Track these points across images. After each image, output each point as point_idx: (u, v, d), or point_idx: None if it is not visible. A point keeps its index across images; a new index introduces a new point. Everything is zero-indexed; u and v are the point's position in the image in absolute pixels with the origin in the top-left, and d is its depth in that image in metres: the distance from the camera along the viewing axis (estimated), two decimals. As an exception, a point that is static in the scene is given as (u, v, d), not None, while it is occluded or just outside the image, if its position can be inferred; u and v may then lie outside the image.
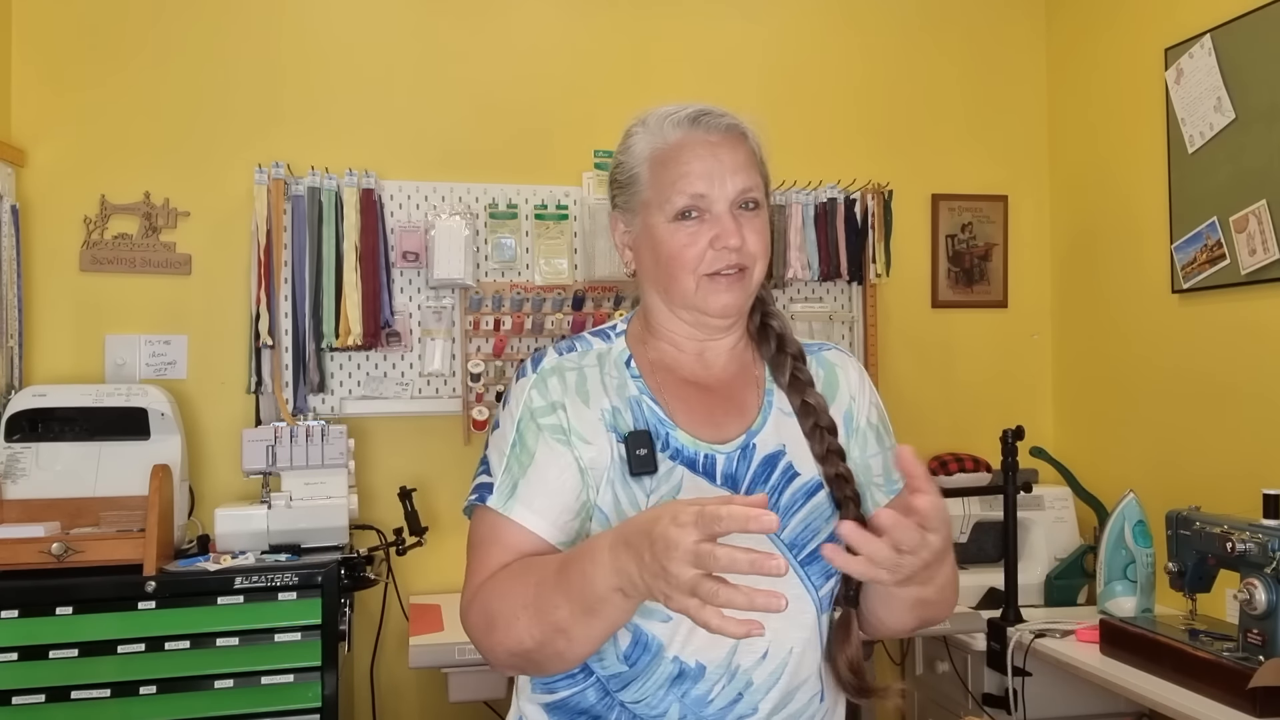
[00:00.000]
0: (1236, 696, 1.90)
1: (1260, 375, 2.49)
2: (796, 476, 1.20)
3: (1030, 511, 2.86)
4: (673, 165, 1.18)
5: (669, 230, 1.18)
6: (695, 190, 1.16)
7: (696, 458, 1.17)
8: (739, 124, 1.21)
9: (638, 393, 1.20)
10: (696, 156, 1.17)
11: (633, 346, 1.25)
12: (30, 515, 2.39)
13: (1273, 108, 2.44)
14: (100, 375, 2.72)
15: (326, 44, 2.91)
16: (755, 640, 1.10)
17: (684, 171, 1.17)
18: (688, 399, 1.21)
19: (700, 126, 1.19)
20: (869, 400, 1.28)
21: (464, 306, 2.86)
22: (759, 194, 1.20)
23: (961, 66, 3.28)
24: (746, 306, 1.23)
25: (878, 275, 3.04)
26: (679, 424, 1.18)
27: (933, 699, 2.89)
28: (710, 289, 1.17)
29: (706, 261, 1.17)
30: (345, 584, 2.37)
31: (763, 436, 1.20)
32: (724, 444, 1.19)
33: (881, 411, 1.29)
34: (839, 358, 1.30)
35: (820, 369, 1.28)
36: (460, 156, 2.95)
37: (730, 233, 1.15)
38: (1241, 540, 2.00)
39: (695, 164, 1.17)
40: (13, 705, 2.19)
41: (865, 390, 1.29)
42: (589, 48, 3.04)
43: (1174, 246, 2.74)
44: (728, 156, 1.17)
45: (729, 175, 1.16)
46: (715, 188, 1.16)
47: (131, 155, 2.78)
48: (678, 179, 1.17)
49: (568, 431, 1.17)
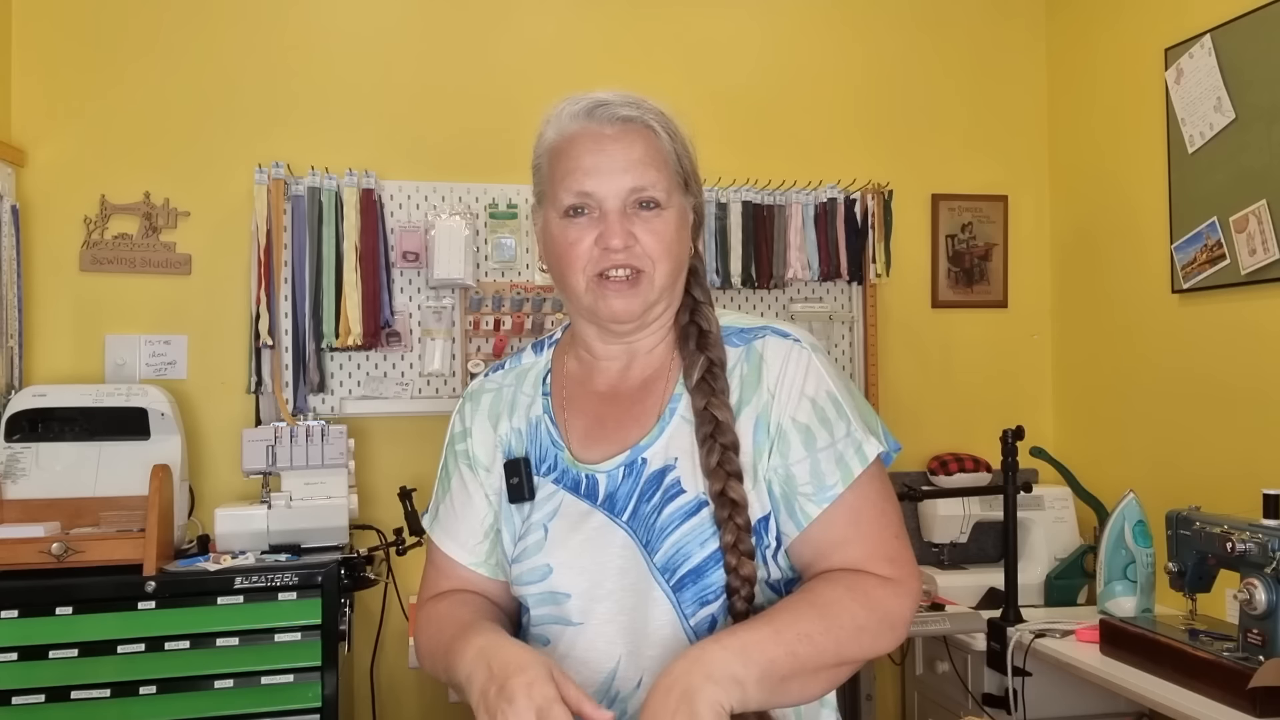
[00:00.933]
0: (1236, 696, 1.90)
1: (1260, 375, 2.49)
2: (680, 494, 1.10)
3: (1030, 511, 2.86)
4: (565, 159, 1.13)
5: (560, 227, 1.13)
6: (581, 188, 1.11)
7: (580, 479, 1.15)
8: (637, 115, 1.13)
9: (541, 412, 1.21)
10: (586, 151, 1.11)
11: (557, 358, 1.25)
12: (30, 515, 2.39)
13: (1273, 108, 2.44)
14: (100, 375, 2.72)
15: (327, 44, 2.91)
16: (630, 668, 1.10)
17: (572, 167, 1.12)
18: (589, 414, 1.19)
19: (594, 119, 1.13)
20: (799, 394, 1.11)
21: (464, 306, 2.86)
22: (657, 192, 1.11)
23: (961, 66, 3.28)
24: (650, 312, 1.15)
25: (878, 275, 3.04)
26: (570, 443, 1.17)
27: (933, 699, 2.89)
28: (599, 293, 1.11)
29: (593, 261, 1.11)
30: (345, 584, 2.37)
31: (654, 450, 1.13)
32: (607, 462, 1.14)
33: (821, 405, 1.11)
34: (771, 346, 1.14)
35: (746, 363, 1.14)
36: (460, 156, 2.94)
37: (613, 233, 1.09)
38: (1241, 540, 1.99)
39: (585, 159, 1.11)
40: (13, 705, 2.19)
41: (794, 383, 1.12)
42: (589, 48, 3.04)
43: (1174, 246, 2.74)
44: (620, 152, 1.11)
45: (619, 172, 1.10)
46: (603, 185, 1.10)
47: (131, 155, 2.78)
48: (566, 175, 1.12)
49: (473, 459, 1.22)
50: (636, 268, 1.11)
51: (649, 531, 1.10)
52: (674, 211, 1.14)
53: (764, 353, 1.14)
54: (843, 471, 1.09)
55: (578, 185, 1.11)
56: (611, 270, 1.11)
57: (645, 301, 1.13)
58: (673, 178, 1.15)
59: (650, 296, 1.13)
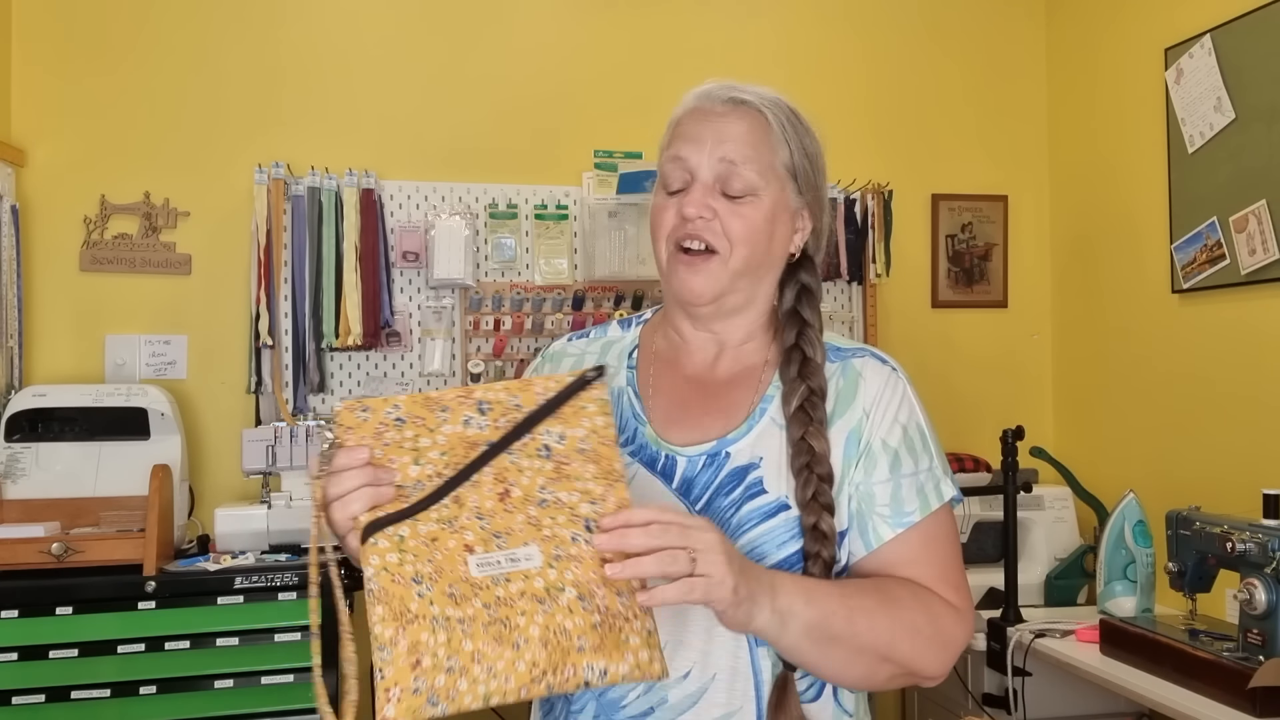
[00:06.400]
0: (1236, 696, 1.90)
1: (1260, 375, 2.49)
2: (761, 494, 1.10)
3: (1030, 511, 2.86)
4: (673, 131, 1.17)
5: (657, 199, 1.16)
6: (677, 153, 1.13)
7: (658, 457, 1.14)
8: (751, 100, 1.14)
9: (625, 384, 1.20)
10: (692, 122, 1.14)
11: (645, 336, 1.25)
12: (30, 515, 2.39)
13: (1273, 108, 2.44)
14: (100, 375, 2.72)
15: (326, 44, 2.91)
16: (678, 657, 1.08)
17: (675, 136, 1.15)
18: (673, 395, 1.18)
19: (709, 98, 1.15)
20: (892, 418, 1.13)
21: (464, 306, 2.86)
22: (748, 170, 1.11)
23: (962, 66, 3.28)
24: (727, 299, 1.14)
25: (878, 275, 3.04)
26: (651, 420, 1.17)
27: (932, 699, 2.88)
28: (674, 265, 1.13)
29: (673, 231, 1.13)
30: (345, 584, 2.37)
31: (740, 446, 1.13)
32: (690, 447, 1.14)
33: (910, 435, 1.14)
34: (871, 367, 1.16)
35: (842, 378, 1.15)
36: (460, 156, 2.95)
37: (690, 200, 1.10)
38: (1241, 540, 1.99)
39: (689, 128, 1.14)
40: (13, 705, 2.19)
41: (890, 407, 1.14)
42: (589, 47, 3.04)
43: (1174, 246, 2.74)
44: (721, 126, 1.13)
45: (714, 143, 1.12)
46: (696, 153, 1.12)
47: (131, 155, 2.78)
48: (669, 144, 1.16)
49: None
50: (711, 246, 1.11)
51: (723, 525, 1.09)
52: (768, 201, 1.13)
53: (863, 371, 1.16)
54: (921, 502, 1.12)
55: (675, 151, 1.14)
56: (687, 241, 1.11)
57: (718, 282, 1.12)
58: (775, 167, 1.14)
59: (723, 279, 1.12)
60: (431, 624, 0.88)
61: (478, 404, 0.95)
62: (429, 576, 0.90)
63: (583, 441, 0.95)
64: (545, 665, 0.88)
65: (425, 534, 0.92)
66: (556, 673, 0.88)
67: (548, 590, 0.91)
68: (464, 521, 0.92)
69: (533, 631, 0.89)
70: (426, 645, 0.88)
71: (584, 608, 0.90)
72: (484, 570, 0.91)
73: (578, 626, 0.90)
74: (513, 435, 0.95)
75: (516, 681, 0.87)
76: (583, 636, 0.90)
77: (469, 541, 0.92)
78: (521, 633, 0.89)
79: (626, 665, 0.89)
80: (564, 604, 0.90)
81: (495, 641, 0.88)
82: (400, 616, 0.89)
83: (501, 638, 0.89)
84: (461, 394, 0.95)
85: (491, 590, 0.90)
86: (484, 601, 0.90)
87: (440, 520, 0.92)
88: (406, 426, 0.94)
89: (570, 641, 0.89)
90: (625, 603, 0.91)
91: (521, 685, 0.88)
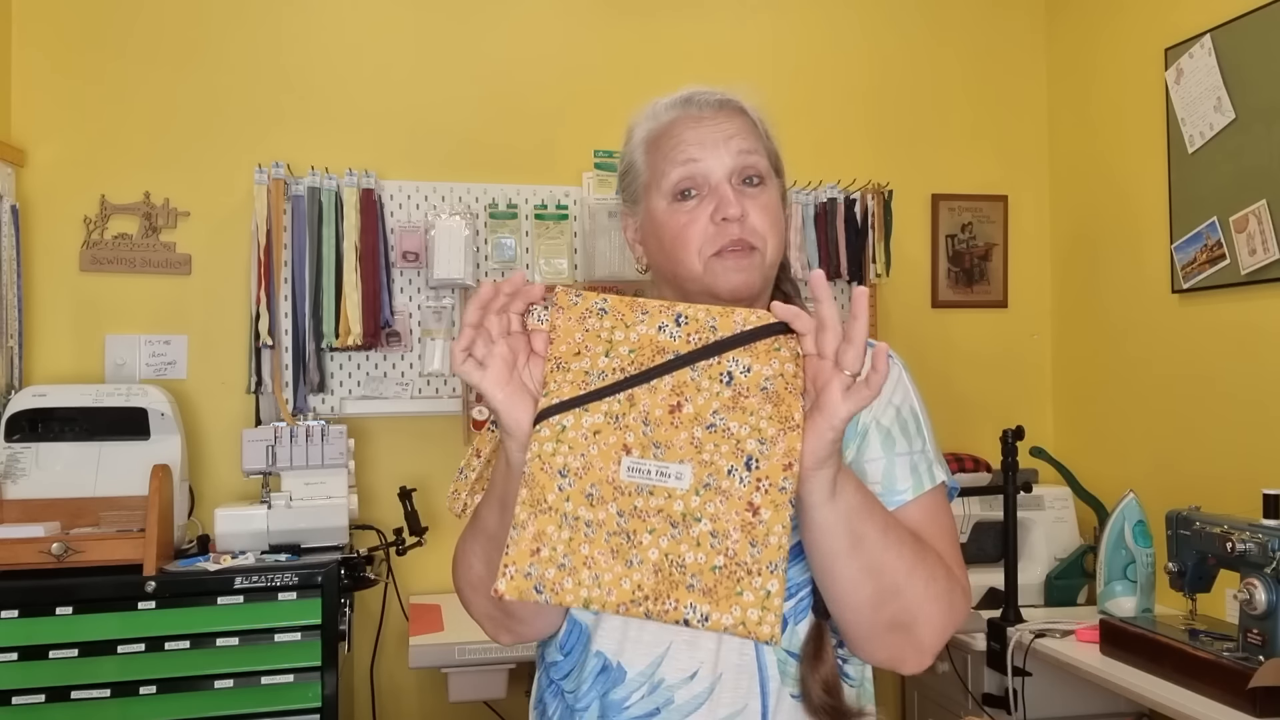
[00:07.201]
0: (1236, 696, 1.90)
1: (1260, 375, 2.49)
2: None
3: (1030, 511, 2.86)
4: (665, 141, 1.14)
5: (669, 212, 1.13)
6: (689, 156, 1.12)
7: None
8: (733, 99, 1.16)
9: None
10: (688, 128, 1.13)
11: None
12: (30, 515, 2.39)
13: (1273, 108, 2.44)
14: (100, 375, 2.72)
15: (327, 44, 2.91)
16: (682, 656, 1.07)
17: (676, 142, 1.13)
18: None
19: (691, 105, 1.15)
20: (885, 400, 1.15)
21: (464, 306, 2.86)
22: (760, 161, 1.13)
23: (962, 66, 3.28)
24: (764, 290, 1.15)
25: (878, 275, 3.04)
26: None
27: (932, 699, 2.89)
28: (719, 269, 1.10)
29: (709, 239, 1.10)
30: (345, 584, 2.37)
31: None
32: None
33: (904, 416, 1.16)
34: None
35: None
36: (460, 156, 2.95)
37: (729, 202, 1.09)
38: (1241, 540, 2.00)
39: (688, 133, 1.13)
40: (13, 705, 2.19)
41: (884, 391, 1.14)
42: (589, 48, 3.04)
43: (1174, 246, 2.74)
44: (719, 126, 1.13)
45: (722, 142, 1.12)
46: (709, 154, 1.11)
47: (131, 155, 2.78)
48: (670, 151, 1.13)
49: None
50: (749, 243, 1.11)
51: None
52: (774, 189, 1.16)
53: None
54: (915, 481, 1.11)
55: (683, 154, 1.12)
56: (732, 247, 1.10)
57: (762, 276, 1.13)
58: (768, 157, 1.16)
59: (764, 272, 1.13)
60: (560, 519, 0.90)
61: (676, 315, 0.94)
62: (575, 471, 0.91)
63: (768, 380, 0.92)
64: (650, 591, 0.88)
65: (589, 426, 0.92)
66: (658, 601, 0.88)
67: (684, 516, 0.89)
68: (629, 421, 0.92)
69: (651, 554, 0.89)
70: (549, 537, 0.89)
71: (713, 545, 0.89)
72: (633, 475, 0.90)
73: (697, 563, 0.88)
74: (701, 353, 0.93)
75: (618, 597, 0.88)
76: (698, 575, 0.88)
77: (629, 442, 0.91)
78: (640, 551, 0.89)
79: (731, 618, 0.87)
80: (694, 535, 0.89)
81: (611, 553, 0.89)
82: (537, 504, 0.90)
83: (619, 551, 0.89)
84: (664, 304, 0.95)
85: (631, 499, 0.90)
86: (619, 509, 0.90)
87: (608, 414, 0.92)
88: (608, 318, 0.95)
89: (683, 576, 0.88)
90: (756, 555, 0.88)
91: (620, 603, 0.88)
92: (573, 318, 0.95)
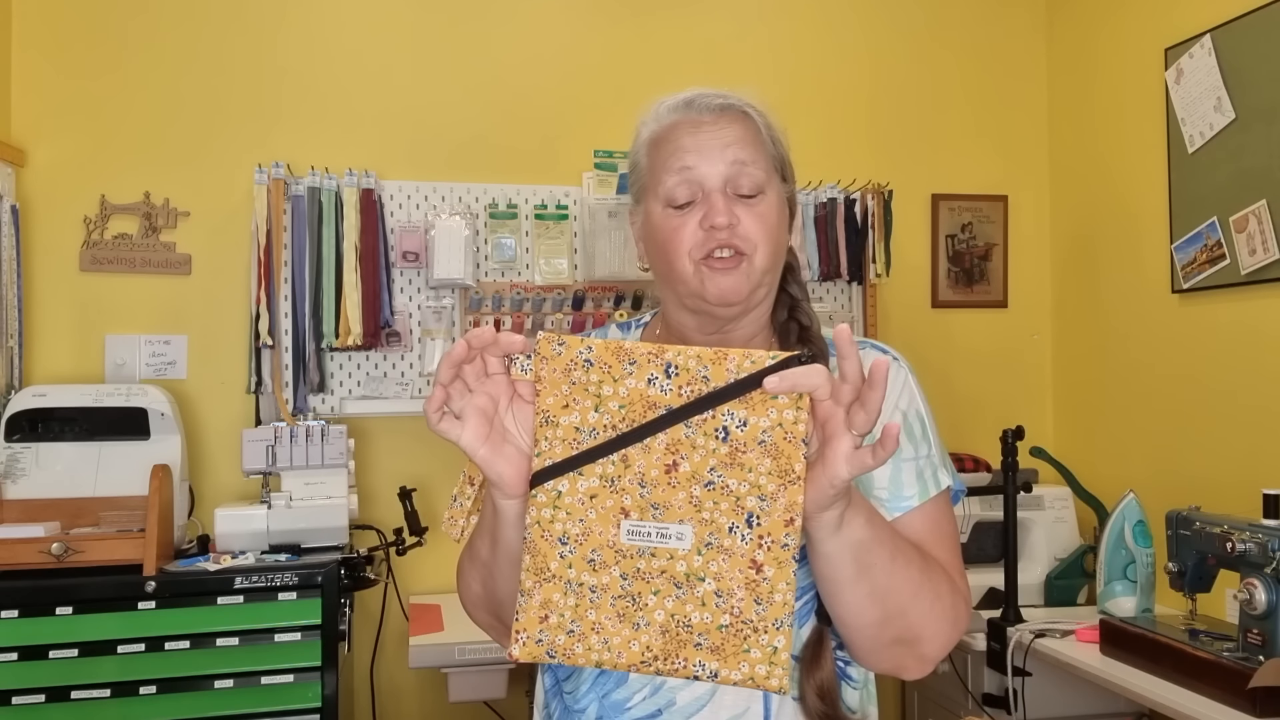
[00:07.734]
0: (1236, 696, 1.90)
1: (1260, 375, 2.49)
2: None
3: (1030, 511, 2.86)
4: (665, 145, 1.14)
5: (663, 217, 1.13)
6: (683, 163, 1.12)
7: None
8: (734, 103, 1.16)
9: None
10: (686, 133, 1.13)
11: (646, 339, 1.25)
12: (30, 515, 2.39)
13: (1273, 108, 2.44)
14: (100, 375, 2.72)
15: (327, 44, 2.91)
16: None
17: (672, 149, 1.13)
18: None
19: (692, 108, 1.15)
20: (892, 405, 1.15)
21: (464, 306, 2.86)
22: (756, 169, 1.13)
23: (962, 66, 3.28)
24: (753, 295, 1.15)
25: (878, 275, 3.04)
26: None
27: (932, 699, 2.89)
28: (706, 273, 1.11)
29: (698, 244, 1.11)
30: (345, 584, 2.37)
31: None
32: None
33: (910, 421, 1.16)
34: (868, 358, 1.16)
35: None
36: (460, 156, 2.95)
37: (717, 210, 1.10)
38: (1241, 540, 2.00)
39: (685, 140, 1.13)
40: (13, 705, 2.19)
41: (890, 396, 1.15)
42: (589, 48, 3.04)
43: (1174, 246, 2.74)
44: (719, 132, 1.13)
45: (719, 149, 1.12)
46: (705, 162, 1.11)
47: (131, 155, 2.78)
48: (667, 157, 1.13)
49: None
50: (739, 250, 1.11)
51: None
52: (774, 197, 1.15)
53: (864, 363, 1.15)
54: (920, 487, 1.11)
55: (679, 162, 1.12)
56: (717, 250, 1.11)
57: (750, 283, 1.12)
58: (770, 163, 1.15)
59: (754, 279, 1.12)
60: (564, 586, 0.90)
61: (665, 365, 0.91)
62: (575, 538, 0.90)
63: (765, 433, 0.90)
64: (659, 651, 0.89)
65: (585, 490, 0.91)
66: (668, 661, 0.89)
67: (688, 576, 0.89)
68: (625, 484, 0.91)
69: (657, 616, 0.89)
70: (555, 605, 0.90)
71: (718, 605, 0.89)
72: (633, 539, 0.90)
73: (703, 623, 0.88)
74: (694, 407, 0.90)
75: (628, 659, 0.89)
76: (705, 634, 0.88)
77: (626, 505, 0.90)
78: (646, 614, 0.89)
79: (740, 674, 0.88)
80: (699, 595, 0.89)
81: (618, 617, 0.89)
82: (540, 572, 0.90)
83: (625, 614, 0.89)
84: (652, 351, 0.91)
85: (633, 561, 0.90)
86: (622, 571, 0.90)
87: (604, 477, 0.91)
88: (594, 370, 0.92)
89: (690, 635, 0.88)
90: (761, 612, 0.88)
91: (631, 664, 0.89)
92: (558, 369, 0.92)
